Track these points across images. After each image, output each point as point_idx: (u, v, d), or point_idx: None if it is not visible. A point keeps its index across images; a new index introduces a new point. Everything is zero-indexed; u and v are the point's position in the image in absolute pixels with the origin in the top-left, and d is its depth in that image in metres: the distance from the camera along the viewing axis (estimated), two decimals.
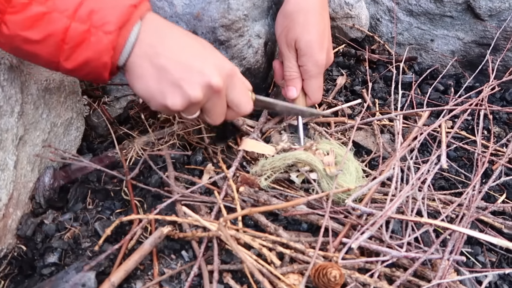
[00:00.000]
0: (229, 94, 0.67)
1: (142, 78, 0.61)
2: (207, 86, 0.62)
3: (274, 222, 0.70)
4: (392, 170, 0.76)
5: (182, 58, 0.61)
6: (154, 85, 0.61)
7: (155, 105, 0.63)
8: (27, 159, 0.70)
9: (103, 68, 0.58)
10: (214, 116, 0.69)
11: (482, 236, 0.59)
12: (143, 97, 0.63)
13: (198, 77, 0.61)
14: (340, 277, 0.55)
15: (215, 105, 0.66)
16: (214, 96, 0.65)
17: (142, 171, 0.80)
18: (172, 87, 0.60)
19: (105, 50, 0.56)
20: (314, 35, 0.81)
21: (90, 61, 0.57)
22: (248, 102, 0.71)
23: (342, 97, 1.06)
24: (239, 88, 0.69)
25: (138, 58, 0.60)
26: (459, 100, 0.98)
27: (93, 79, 0.61)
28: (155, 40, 0.60)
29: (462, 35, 1.15)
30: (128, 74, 0.62)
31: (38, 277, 0.62)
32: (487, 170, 0.86)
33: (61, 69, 0.58)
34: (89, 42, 0.55)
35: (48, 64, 0.58)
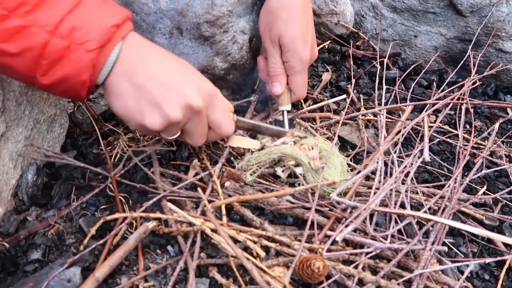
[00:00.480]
0: (210, 115, 0.67)
1: (120, 97, 0.60)
2: (187, 106, 0.61)
3: (260, 217, 0.70)
4: (376, 164, 0.77)
5: (162, 77, 0.61)
6: (132, 104, 0.60)
7: (133, 125, 0.62)
8: (9, 156, 0.69)
9: (81, 86, 0.57)
10: (195, 138, 0.68)
11: (463, 227, 0.60)
12: (121, 117, 0.62)
13: (178, 97, 0.61)
14: (324, 268, 0.56)
15: (196, 126, 0.66)
16: (194, 117, 0.64)
17: (127, 168, 0.79)
18: (151, 106, 0.60)
19: (84, 68, 0.55)
20: (297, 31, 0.81)
21: (68, 78, 0.56)
22: (229, 123, 0.71)
23: (327, 92, 1.06)
24: (220, 109, 0.68)
25: (117, 77, 0.59)
26: (441, 94, 1.00)
27: (69, 96, 0.60)
28: (135, 60, 0.60)
29: (445, 31, 1.16)
30: (106, 92, 0.61)
31: (22, 274, 0.61)
32: (468, 163, 0.88)
33: (37, 84, 0.56)
34: (69, 59, 0.54)
35: (24, 78, 0.56)
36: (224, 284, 0.60)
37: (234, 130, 0.74)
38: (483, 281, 0.69)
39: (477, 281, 0.69)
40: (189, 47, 0.85)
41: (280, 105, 0.88)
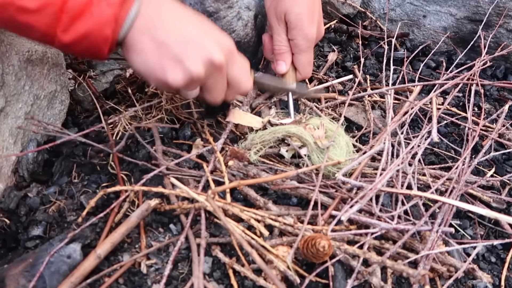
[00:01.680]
0: (229, 71, 0.65)
1: (141, 53, 0.58)
2: (209, 62, 0.60)
3: (263, 197, 0.69)
4: (383, 144, 0.75)
5: (183, 33, 0.59)
6: (154, 61, 0.58)
7: (155, 81, 0.61)
8: (9, 131, 0.68)
9: (103, 42, 0.55)
10: (214, 94, 0.67)
11: (472, 208, 0.59)
12: (142, 73, 0.60)
13: (200, 53, 0.59)
14: (329, 247, 0.55)
15: (216, 82, 0.64)
16: (215, 73, 0.62)
17: (129, 146, 0.78)
18: (173, 62, 0.58)
19: (107, 23, 0.53)
20: (304, 8, 0.79)
21: (91, 34, 0.54)
22: (248, 80, 0.69)
23: (333, 73, 1.04)
24: (240, 65, 0.67)
25: (138, 33, 0.57)
26: (450, 75, 0.97)
27: (90, 55, 0.58)
28: (155, 15, 0.58)
29: (455, 11, 1.13)
30: (126, 49, 0.59)
31: (22, 250, 0.61)
32: (476, 146, 0.86)
33: (57, 42, 0.54)
34: (91, 13, 0.52)
35: (43, 37, 0.54)
36: (227, 263, 0.60)
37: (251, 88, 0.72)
38: (489, 263, 0.68)
39: (483, 263, 0.68)
40: None
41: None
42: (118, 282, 0.58)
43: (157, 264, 0.60)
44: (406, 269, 0.57)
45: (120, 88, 0.93)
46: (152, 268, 0.59)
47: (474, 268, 0.62)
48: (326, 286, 0.59)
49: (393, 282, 0.61)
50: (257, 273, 0.59)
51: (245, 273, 0.58)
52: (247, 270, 0.59)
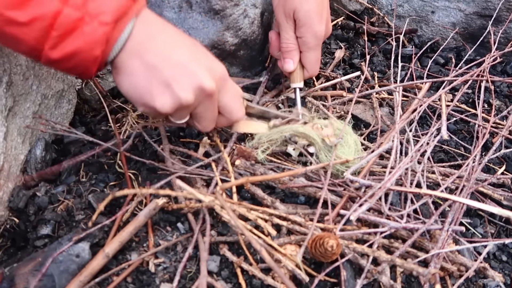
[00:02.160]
0: (221, 99, 0.64)
1: (130, 76, 0.57)
2: (199, 89, 0.58)
3: (271, 195, 0.69)
4: (391, 142, 0.75)
5: (174, 57, 0.58)
6: (142, 84, 0.57)
7: (142, 106, 0.59)
8: (18, 131, 0.68)
9: (92, 62, 0.53)
10: (204, 122, 0.65)
11: (482, 206, 0.58)
12: (130, 97, 0.59)
13: (190, 79, 0.57)
14: (337, 246, 0.55)
15: (207, 110, 0.63)
16: (206, 100, 0.61)
17: (137, 145, 0.78)
18: (162, 87, 0.57)
19: (98, 42, 0.52)
20: (313, 5, 0.78)
21: (80, 53, 0.52)
22: (240, 108, 0.68)
23: (340, 70, 1.03)
24: (232, 93, 0.66)
25: (128, 55, 0.55)
26: (459, 72, 0.96)
27: (77, 73, 0.56)
28: (147, 38, 0.56)
29: (464, 6, 1.12)
30: (115, 71, 0.58)
31: (32, 249, 0.61)
32: (486, 143, 0.85)
33: (44, 58, 0.52)
34: (82, 31, 0.51)
35: (30, 51, 0.52)
36: (235, 262, 0.59)
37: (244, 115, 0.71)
38: (500, 262, 0.67)
39: (494, 262, 0.67)
40: (199, 21, 0.82)
41: (292, 82, 0.85)
42: (126, 281, 0.58)
43: (165, 263, 0.60)
44: (416, 268, 0.57)
45: None
46: (160, 267, 0.59)
47: (485, 267, 0.61)
48: (335, 285, 0.59)
49: (403, 281, 0.61)
50: (265, 272, 0.59)
51: (253, 272, 0.58)
52: (255, 269, 0.58)
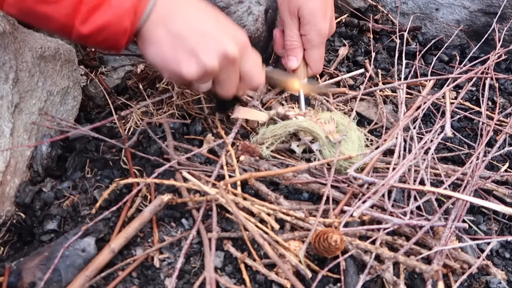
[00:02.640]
0: (243, 65, 0.65)
1: (156, 45, 0.58)
2: (223, 55, 0.60)
3: (274, 191, 0.69)
4: (395, 139, 0.75)
5: (198, 25, 0.59)
6: (168, 52, 0.58)
7: (168, 73, 0.61)
8: (24, 127, 0.69)
9: (122, 34, 0.55)
10: (226, 87, 0.66)
11: (485, 204, 0.58)
12: (156, 65, 0.61)
13: (214, 45, 0.59)
14: (341, 241, 0.55)
15: (229, 75, 0.64)
16: (229, 66, 0.62)
17: (141, 141, 0.79)
18: (188, 54, 0.58)
19: (126, 14, 0.53)
20: (317, 3, 0.78)
21: (109, 26, 0.54)
22: (260, 75, 0.69)
23: (344, 67, 1.04)
24: (253, 59, 0.67)
25: (153, 24, 0.57)
26: (463, 69, 0.96)
27: (107, 46, 0.57)
28: (171, 7, 0.58)
29: (468, 4, 1.12)
30: (141, 41, 0.59)
31: (38, 244, 0.62)
32: (490, 140, 0.85)
33: (75, 34, 0.54)
34: (109, 4, 0.52)
35: (61, 28, 0.54)
36: (239, 257, 0.60)
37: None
38: (503, 259, 0.67)
39: (497, 259, 0.67)
40: None
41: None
42: (131, 275, 0.58)
43: (169, 258, 0.60)
44: (419, 265, 0.57)
45: (132, 84, 0.93)
46: (164, 262, 0.60)
47: (488, 265, 0.61)
48: (337, 281, 0.59)
49: (406, 277, 0.61)
50: (268, 268, 0.59)
51: (257, 268, 0.58)
52: (258, 264, 0.59)
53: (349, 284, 0.57)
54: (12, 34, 0.66)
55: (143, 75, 0.94)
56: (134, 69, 0.96)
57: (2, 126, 0.63)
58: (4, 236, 0.64)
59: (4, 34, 0.64)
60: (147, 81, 0.93)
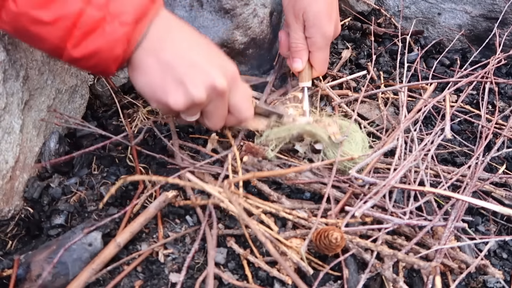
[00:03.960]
0: (231, 98, 0.65)
1: (145, 74, 0.58)
2: (211, 87, 0.60)
3: (277, 191, 0.71)
4: (396, 141, 0.76)
5: (188, 56, 0.59)
6: (157, 81, 0.58)
7: (156, 102, 0.61)
8: (33, 124, 0.70)
9: (113, 61, 0.55)
10: (214, 120, 0.66)
11: (484, 204, 0.59)
12: (144, 93, 0.61)
13: (203, 77, 0.59)
14: (341, 239, 0.56)
15: (217, 108, 0.64)
16: (217, 99, 0.62)
17: (147, 139, 0.80)
18: (176, 84, 0.58)
19: (119, 41, 0.54)
20: (322, 6, 0.79)
21: (101, 51, 0.54)
22: (250, 108, 0.69)
23: (347, 70, 1.05)
24: (242, 92, 0.67)
25: (144, 52, 0.57)
26: (464, 73, 0.97)
27: (97, 71, 0.58)
28: (163, 36, 0.58)
29: (470, 9, 1.13)
30: (131, 68, 0.59)
31: (45, 238, 0.63)
32: (489, 143, 0.87)
33: (66, 57, 0.54)
34: (103, 31, 0.52)
35: (53, 49, 0.54)
36: (242, 254, 0.61)
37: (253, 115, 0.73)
38: (500, 259, 0.68)
39: (495, 259, 0.68)
40: (209, 20, 0.84)
41: (300, 81, 0.87)
42: (136, 270, 0.60)
43: (174, 254, 0.62)
44: (417, 261, 0.58)
45: None
46: (169, 258, 0.61)
47: (486, 264, 0.62)
48: (338, 278, 0.60)
49: (405, 275, 0.62)
50: (270, 264, 0.60)
51: (259, 264, 0.60)
52: (261, 261, 0.60)
53: (350, 282, 0.58)
54: None
55: None
56: None
57: (12, 123, 0.65)
58: (13, 230, 0.65)
59: None
60: None
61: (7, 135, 0.64)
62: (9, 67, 0.63)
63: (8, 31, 0.53)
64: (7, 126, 0.64)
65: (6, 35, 0.63)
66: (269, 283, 0.59)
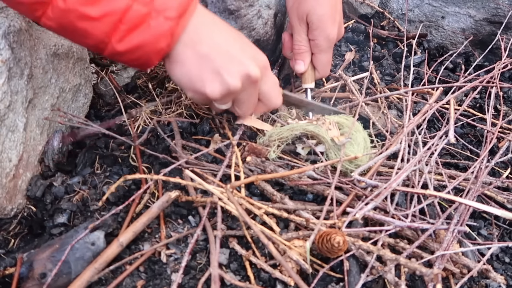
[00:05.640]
0: (262, 86, 0.68)
1: (183, 65, 0.61)
2: (246, 76, 0.63)
3: (280, 192, 0.70)
4: (399, 144, 0.76)
5: (224, 47, 0.62)
6: (194, 72, 0.61)
7: (193, 92, 0.64)
8: (36, 122, 0.70)
9: (156, 54, 0.58)
10: (245, 108, 0.70)
11: (487, 208, 0.59)
12: (181, 84, 0.63)
13: (238, 67, 0.62)
14: (344, 243, 0.56)
15: (249, 96, 0.67)
16: (250, 87, 0.65)
17: (150, 139, 0.80)
18: (212, 74, 0.61)
19: (163, 36, 0.56)
20: (326, 9, 0.79)
21: (145, 45, 0.56)
22: (279, 96, 0.72)
23: (350, 72, 1.05)
24: (271, 81, 0.70)
25: (183, 46, 0.60)
26: (468, 78, 0.97)
27: (138, 64, 0.60)
28: (201, 29, 0.61)
29: (474, 13, 1.13)
30: (169, 61, 0.62)
31: (48, 236, 0.63)
32: (493, 148, 0.86)
33: (109, 50, 0.56)
34: (148, 26, 0.55)
35: (97, 44, 0.56)
36: (244, 255, 0.61)
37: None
38: (503, 263, 0.68)
39: (497, 263, 0.68)
40: None
41: (303, 82, 0.87)
42: (138, 270, 0.60)
43: (176, 254, 0.62)
44: (420, 268, 0.58)
45: (141, 83, 0.95)
46: (171, 258, 0.61)
47: (488, 269, 0.62)
48: (340, 280, 0.60)
49: (407, 278, 0.62)
50: (272, 266, 0.60)
51: (261, 266, 0.60)
52: (263, 262, 0.60)
53: (352, 284, 0.58)
54: (27, 32, 0.68)
55: (153, 75, 0.96)
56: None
57: (16, 121, 0.65)
58: (15, 228, 0.65)
59: (20, 31, 0.65)
60: (156, 80, 0.95)
61: (11, 133, 0.64)
62: (14, 65, 0.63)
63: (51, 27, 0.55)
64: (11, 124, 0.64)
65: (11, 33, 0.63)
66: (271, 285, 0.59)
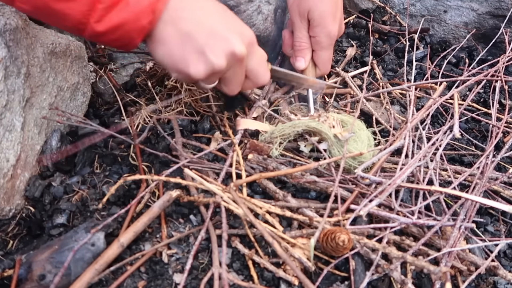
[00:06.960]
0: (249, 62, 0.65)
1: (165, 44, 0.58)
2: (231, 54, 0.60)
3: (282, 190, 0.69)
4: (403, 140, 0.75)
5: (207, 24, 0.59)
6: (177, 52, 0.58)
7: (176, 72, 0.61)
8: (34, 121, 0.69)
9: (138, 32, 0.55)
10: (232, 86, 0.67)
11: (494, 204, 0.58)
12: (164, 64, 0.61)
13: (223, 45, 0.59)
14: (349, 241, 0.55)
15: (236, 74, 0.64)
16: (236, 65, 0.62)
17: (150, 138, 0.79)
18: (196, 54, 0.58)
19: (143, 13, 0.54)
20: (328, 6, 0.78)
21: (125, 24, 0.54)
22: (266, 72, 0.69)
23: (351, 68, 1.04)
24: (258, 57, 0.67)
25: (164, 24, 0.57)
26: (472, 72, 0.96)
27: (120, 45, 0.58)
28: (181, 6, 0.58)
29: (477, 6, 1.12)
30: (151, 40, 0.59)
31: (47, 237, 0.62)
32: (498, 142, 0.85)
33: (89, 32, 0.54)
34: (127, 3, 0.53)
35: (75, 25, 0.54)
36: (247, 254, 0.60)
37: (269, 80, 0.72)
38: (510, 260, 0.67)
39: (505, 260, 0.67)
40: None
41: None
42: (140, 270, 0.59)
43: (177, 254, 0.61)
44: (427, 266, 0.57)
45: (140, 81, 0.94)
46: (173, 258, 0.60)
47: (496, 266, 0.61)
48: (345, 279, 0.59)
49: (413, 276, 0.61)
50: (276, 265, 0.59)
51: (265, 265, 0.59)
52: (266, 261, 0.59)
53: (357, 282, 0.57)
54: (24, 30, 0.67)
55: (152, 73, 0.95)
56: (143, 66, 0.97)
57: (14, 120, 0.64)
58: (14, 230, 0.64)
59: (16, 29, 0.64)
60: (155, 78, 0.94)
61: (8, 133, 0.63)
62: (10, 63, 0.62)
63: (27, 10, 0.53)
64: (8, 124, 0.63)
65: (7, 32, 0.62)
66: (275, 284, 0.58)
